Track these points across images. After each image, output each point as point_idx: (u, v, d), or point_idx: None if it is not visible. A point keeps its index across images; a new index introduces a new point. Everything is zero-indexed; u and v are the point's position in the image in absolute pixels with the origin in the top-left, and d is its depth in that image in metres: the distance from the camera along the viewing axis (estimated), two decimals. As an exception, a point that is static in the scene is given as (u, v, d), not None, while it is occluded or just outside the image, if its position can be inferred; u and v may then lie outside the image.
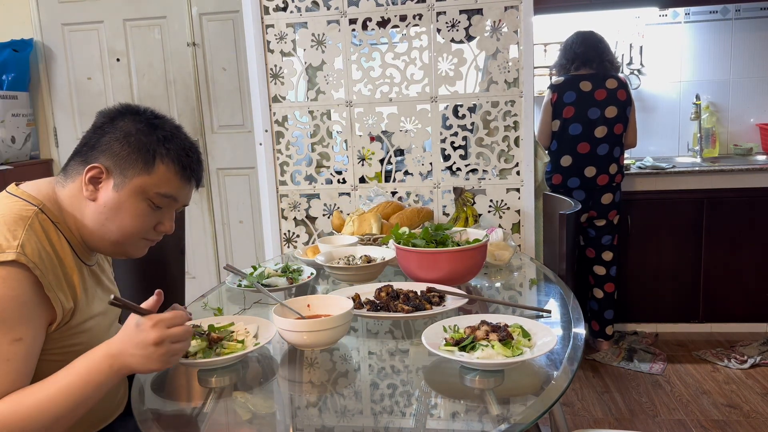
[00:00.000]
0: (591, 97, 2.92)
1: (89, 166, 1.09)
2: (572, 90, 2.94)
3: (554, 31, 3.57)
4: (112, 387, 0.98)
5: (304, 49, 2.40)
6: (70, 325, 1.08)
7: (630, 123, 3.00)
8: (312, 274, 1.63)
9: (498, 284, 1.70)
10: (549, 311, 1.34)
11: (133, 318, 0.97)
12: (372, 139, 2.48)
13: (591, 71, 2.97)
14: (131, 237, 1.13)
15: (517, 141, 2.37)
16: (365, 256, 1.67)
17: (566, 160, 2.98)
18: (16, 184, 1.12)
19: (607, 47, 3.03)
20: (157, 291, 1.10)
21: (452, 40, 2.33)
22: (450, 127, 2.39)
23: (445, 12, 2.30)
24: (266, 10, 2.38)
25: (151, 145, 1.11)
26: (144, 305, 1.05)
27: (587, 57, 2.98)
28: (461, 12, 2.30)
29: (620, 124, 2.94)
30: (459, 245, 1.51)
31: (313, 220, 2.54)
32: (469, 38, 2.35)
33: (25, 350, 0.96)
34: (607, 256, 3.10)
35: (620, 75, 3.01)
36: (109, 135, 1.11)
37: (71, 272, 1.09)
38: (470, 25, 2.31)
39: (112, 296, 1.01)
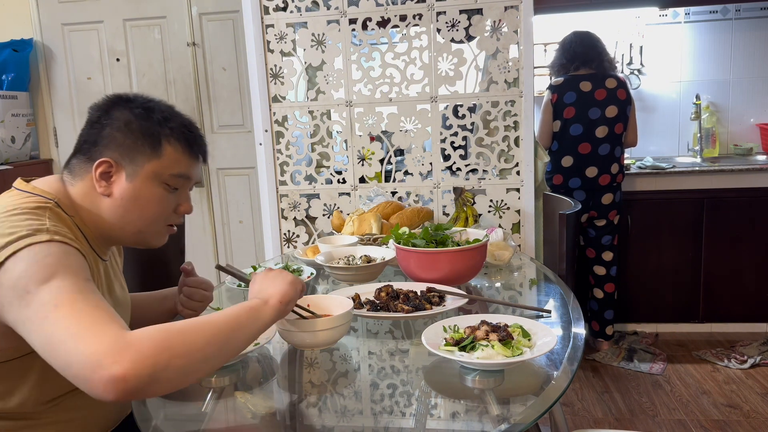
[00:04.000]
0: (591, 97, 2.92)
1: (98, 162, 1.07)
2: (572, 90, 2.94)
3: (554, 31, 3.57)
4: (266, 321, 0.98)
5: (304, 49, 2.40)
6: None
7: (630, 122, 3.00)
8: (312, 274, 1.63)
9: (498, 284, 1.70)
10: (549, 311, 1.34)
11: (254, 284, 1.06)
12: (372, 139, 2.48)
13: (591, 71, 2.97)
14: (153, 224, 1.13)
15: (517, 141, 2.37)
16: (365, 256, 1.67)
17: (567, 161, 2.98)
18: (23, 179, 1.10)
19: (605, 47, 3.04)
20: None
21: (452, 40, 2.33)
22: (450, 127, 2.39)
23: (445, 12, 2.30)
24: (266, 10, 2.38)
25: (153, 128, 1.10)
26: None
27: (587, 57, 2.98)
28: (461, 12, 2.30)
29: (621, 124, 2.94)
30: (459, 245, 1.51)
31: (313, 220, 2.54)
32: (469, 38, 2.35)
33: (98, 291, 0.93)
34: (608, 256, 3.10)
35: (619, 74, 3.01)
36: (109, 127, 1.09)
37: (89, 264, 1.07)
38: (470, 25, 2.31)
39: (217, 264, 1.15)
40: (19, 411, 1.05)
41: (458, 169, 2.42)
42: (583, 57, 2.98)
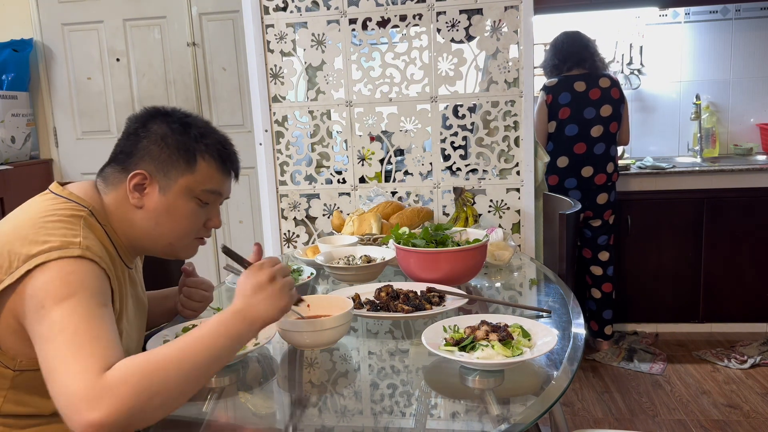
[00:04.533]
0: (586, 97, 2.93)
1: (132, 174, 1.08)
2: (567, 91, 2.94)
3: (554, 31, 3.56)
4: (245, 342, 0.95)
5: (304, 49, 2.40)
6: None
7: (623, 121, 3.01)
8: (312, 274, 1.63)
9: (498, 284, 1.70)
10: (549, 311, 1.34)
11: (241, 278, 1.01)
12: (372, 139, 2.48)
13: (584, 71, 2.97)
14: (183, 238, 1.14)
15: (517, 141, 2.37)
16: (365, 256, 1.67)
17: (563, 161, 2.98)
18: (61, 184, 1.11)
19: (596, 46, 3.05)
20: (256, 243, 1.15)
21: (452, 40, 2.32)
22: (450, 127, 2.39)
23: (445, 12, 2.30)
24: (266, 10, 2.38)
25: (189, 143, 1.11)
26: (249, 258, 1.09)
27: (581, 57, 2.99)
28: (461, 12, 2.30)
29: (615, 123, 2.95)
30: (459, 245, 1.51)
31: (313, 220, 2.54)
32: (469, 38, 2.35)
33: (112, 317, 0.94)
34: (604, 256, 3.10)
35: (611, 73, 3.02)
36: (146, 139, 1.10)
37: (117, 274, 1.08)
38: (470, 25, 2.31)
39: (223, 245, 1.10)
40: (37, 413, 1.05)
41: (458, 169, 2.42)
42: (576, 57, 2.99)
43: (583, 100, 2.93)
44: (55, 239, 0.94)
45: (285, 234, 2.54)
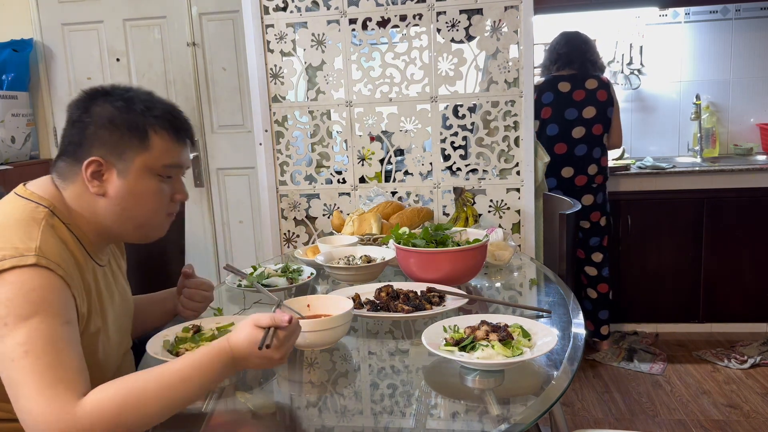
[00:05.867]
0: (569, 98, 2.93)
1: (86, 162, 1.04)
2: (550, 91, 2.95)
3: (554, 31, 3.56)
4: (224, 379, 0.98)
5: (304, 49, 2.40)
6: (87, 332, 1.05)
7: (613, 124, 3.00)
8: (312, 274, 1.63)
9: (498, 284, 1.70)
10: (549, 311, 1.34)
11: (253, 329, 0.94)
12: (372, 139, 2.48)
13: (573, 72, 2.97)
14: (153, 217, 1.11)
15: (517, 141, 2.37)
16: (365, 256, 1.67)
17: None
18: (24, 185, 1.10)
19: (591, 47, 3.04)
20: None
21: (452, 40, 2.33)
22: (450, 127, 2.39)
23: (445, 12, 2.30)
24: (266, 10, 2.39)
25: (137, 119, 1.06)
26: None
27: (570, 57, 2.99)
28: (461, 12, 2.30)
29: (599, 125, 2.95)
30: (459, 245, 1.51)
31: (313, 220, 2.54)
32: (469, 38, 2.35)
33: (76, 334, 0.93)
34: (597, 257, 3.09)
35: (602, 75, 3.01)
36: (92, 125, 1.06)
37: (84, 274, 1.06)
38: (470, 24, 2.31)
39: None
40: (13, 418, 1.05)
41: (458, 169, 2.42)
42: (565, 58, 3.00)
43: (565, 101, 2.93)
44: (9, 246, 0.93)
45: (285, 234, 2.54)
